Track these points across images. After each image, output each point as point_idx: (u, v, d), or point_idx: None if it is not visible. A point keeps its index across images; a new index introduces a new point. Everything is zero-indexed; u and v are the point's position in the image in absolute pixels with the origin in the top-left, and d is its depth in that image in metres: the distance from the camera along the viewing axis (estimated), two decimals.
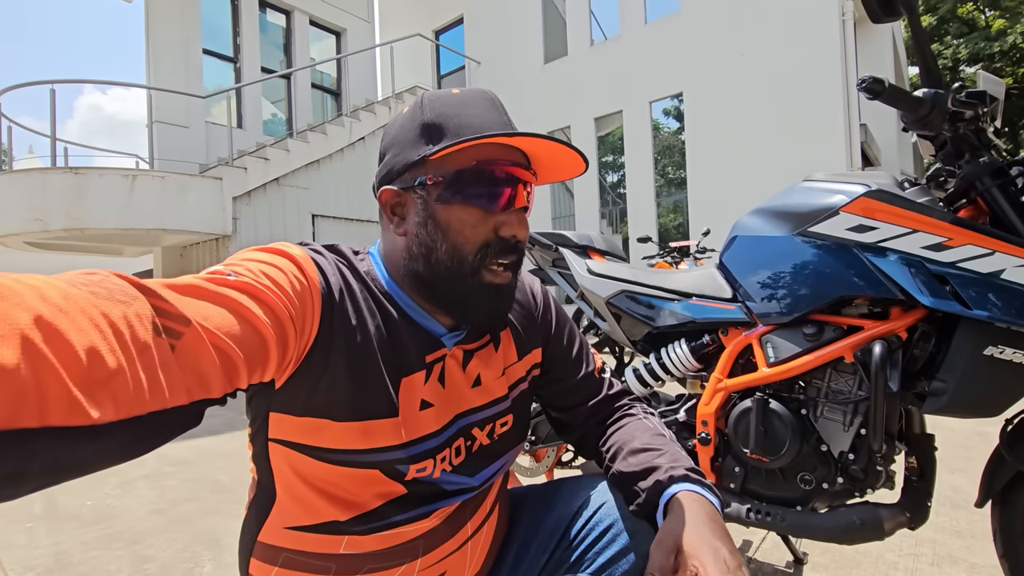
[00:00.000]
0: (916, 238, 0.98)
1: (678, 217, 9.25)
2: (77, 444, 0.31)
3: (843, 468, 1.08)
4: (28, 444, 0.29)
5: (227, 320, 0.43)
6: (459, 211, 0.60)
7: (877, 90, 0.94)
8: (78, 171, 5.71)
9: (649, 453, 0.69)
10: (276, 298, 0.49)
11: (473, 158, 0.60)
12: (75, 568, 1.63)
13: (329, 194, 7.64)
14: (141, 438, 0.36)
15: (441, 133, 0.60)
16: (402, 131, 0.64)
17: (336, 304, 0.58)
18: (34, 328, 0.30)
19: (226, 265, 0.51)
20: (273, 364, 0.49)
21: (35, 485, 0.31)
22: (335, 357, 0.57)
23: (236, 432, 3.24)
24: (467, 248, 0.61)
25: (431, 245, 0.61)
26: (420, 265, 0.62)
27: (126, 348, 0.34)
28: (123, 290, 0.37)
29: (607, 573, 0.68)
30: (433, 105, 0.62)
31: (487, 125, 0.61)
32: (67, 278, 0.36)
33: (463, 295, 0.63)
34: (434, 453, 0.63)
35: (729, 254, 1.26)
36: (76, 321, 0.32)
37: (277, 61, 9.60)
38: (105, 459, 0.34)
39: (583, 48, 8.84)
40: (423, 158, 0.60)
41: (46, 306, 0.31)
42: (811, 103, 6.68)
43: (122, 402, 0.33)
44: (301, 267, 0.55)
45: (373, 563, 0.62)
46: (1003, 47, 12.49)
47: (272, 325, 0.48)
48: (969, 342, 0.94)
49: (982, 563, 1.41)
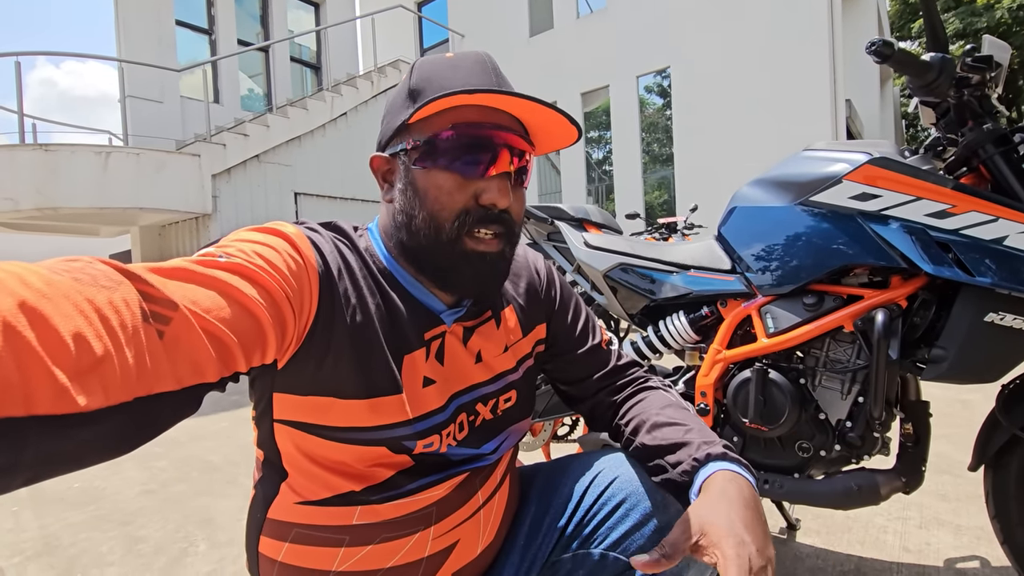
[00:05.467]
0: (919, 205, 0.97)
1: (663, 193, 9.26)
2: (67, 433, 0.30)
3: (840, 436, 1.09)
4: (16, 434, 0.28)
5: (217, 303, 0.42)
6: (436, 176, 0.58)
7: (886, 54, 0.92)
8: (48, 148, 5.50)
9: (676, 427, 0.68)
10: (271, 278, 0.48)
11: (450, 121, 0.58)
12: (65, 551, 1.61)
13: (312, 171, 7.48)
14: (137, 426, 0.35)
15: (421, 97, 0.59)
16: (394, 98, 0.63)
17: (335, 282, 0.57)
18: (17, 314, 0.29)
19: (218, 247, 0.49)
20: (272, 346, 0.48)
21: (28, 477, 0.30)
22: (337, 335, 0.56)
23: (225, 412, 3.20)
24: (443, 215, 0.58)
25: (410, 212, 0.60)
26: (404, 234, 0.61)
27: (112, 334, 0.33)
28: (107, 275, 0.36)
29: (621, 547, 0.67)
30: (423, 69, 0.61)
31: (470, 86, 0.57)
32: (48, 265, 0.34)
33: (445, 264, 0.61)
34: (439, 429, 0.63)
35: (728, 225, 1.25)
36: (60, 307, 0.31)
37: (254, 33, 9.29)
38: (100, 449, 0.34)
39: (570, 21, 8.69)
40: (404, 123, 0.59)
41: (28, 291, 0.30)
42: (797, 78, 6.67)
43: (111, 388, 0.32)
44: (296, 246, 0.54)
45: (387, 532, 0.62)
46: (990, 22, 12.55)
47: (267, 306, 0.46)
48: (970, 309, 0.94)
49: (967, 525, 1.46)
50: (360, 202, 8.12)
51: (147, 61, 7.13)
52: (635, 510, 0.68)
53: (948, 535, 1.42)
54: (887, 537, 1.42)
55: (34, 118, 7.64)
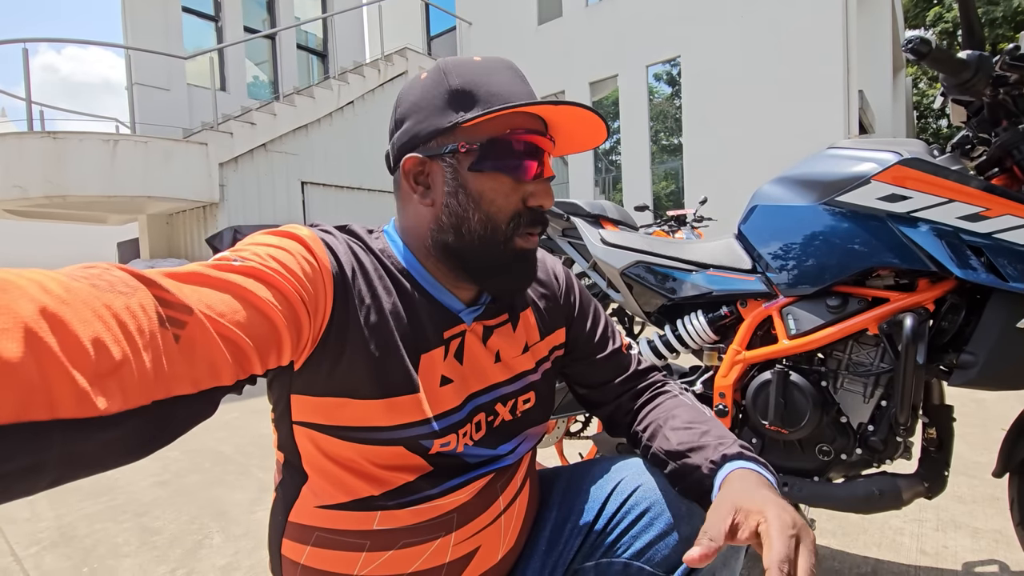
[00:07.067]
0: (951, 208, 0.95)
1: (671, 184, 9.19)
2: (89, 436, 0.31)
3: (862, 439, 1.08)
4: (41, 437, 0.29)
5: (232, 307, 0.43)
6: (491, 180, 0.60)
7: (923, 51, 0.89)
8: (56, 136, 5.50)
9: (692, 431, 0.67)
10: (285, 281, 0.48)
11: (506, 127, 0.60)
12: (81, 541, 1.62)
13: (318, 160, 7.46)
14: (155, 428, 0.36)
15: (473, 100, 0.59)
16: (425, 97, 0.62)
17: (349, 283, 0.57)
18: (39, 320, 0.30)
19: (233, 251, 0.50)
20: (288, 348, 0.49)
21: (53, 478, 0.31)
22: (352, 336, 0.56)
23: (236, 402, 3.22)
24: (500, 217, 0.61)
25: (462, 215, 0.61)
26: (450, 236, 0.61)
27: (130, 338, 0.34)
28: (124, 282, 0.36)
29: (646, 557, 0.67)
30: (460, 71, 0.61)
31: (515, 94, 0.60)
32: (67, 272, 0.35)
33: (495, 263, 0.63)
34: (456, 428, 0.63)
35: (749, 224, 1.23)
36: (79, 313, 0.32)
37: (260, 20, 9.22)
38: (121, 451, 0.35)
39: (579, 8, 8.58)
40: (455, 125, 0.59)
41: (49, 298, 0.31)
42: (810, 68, 6.58)
43: (129, 392, 0.33)
44: (310, 248, 0.55)
45: (407, 538, 0.62)
46: (1006, 12, 12.30)
47: (282, 309, 0.47)
48: (1002, 314, 0.92)
49: (985, 528, 1.44)
50: (367, 192, 8.09)
51: (154, 48, 7.10)
52: (659, 519, 0.67)
53: (966, 538, 1.41)
54: (903, 539, 1.42)
55: (42, 105, 7.63)
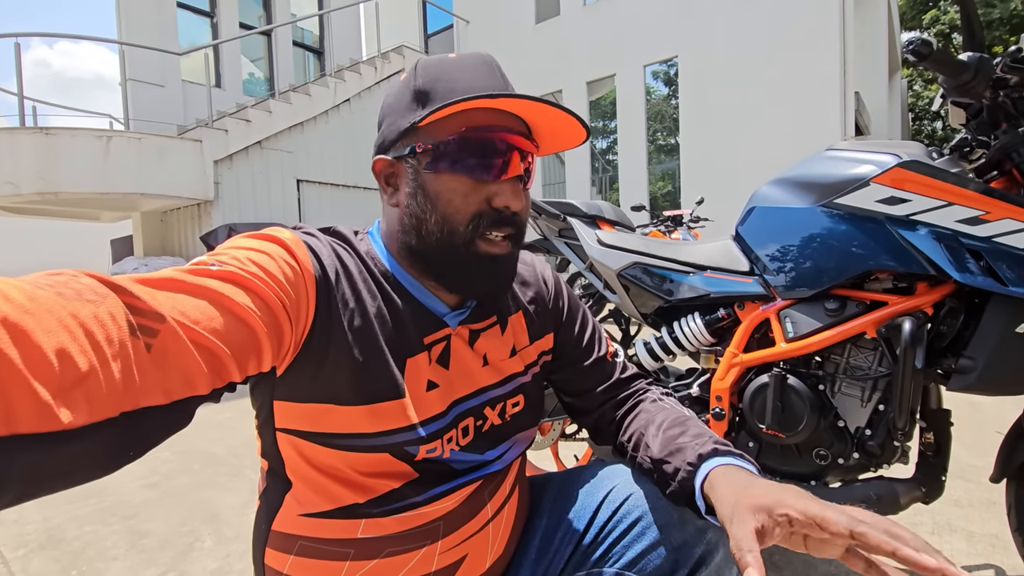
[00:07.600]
0: (951, 211, 0.94)
1: (667, 185, 9.20)
2: (54, 450, 0.30)
3: (859, 444, 1.07)
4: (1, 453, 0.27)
5: (208, 313, 0.41)
6: (448, 180, 0.58)
7: (924, 53, 0.88)
8: (48, 131, 5.45)
9: (669, 434, 0.67)
10: (265, 286, 0.47)
11: (462, 124, 0.57)
12: (69, 544, 1.60)
13: (314, 158, 7.42)
14: (125, 442, 0.35)
15: (429, 99, 0.58)
16: (396, 98, 0.61)
17: (332, 287, 0.56)
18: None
19: (211, 255, 0.49)
20: (268, 354, 0.47)
21: (15, 495, 0.30)
22: (336, 341, 0.55)
23: (228, 403, 3.18)
24: (457, 219, 0.58)
25: (421, 216, 0.59)
26: (412, 237, 0.60)
27: (98, 348, 0.32)
28: (92, 289, 0.35)
29: (637, 568, 0.65)
30: (426, 70, 0.60)
31: (478, 89, 0.57)
32: (31, 279, 0.34)
33: (458, 267, 0.60)
34: (442, 433, 0.62)
35: (747, 225, 1.22)
36: (43, 322, 0.30)
37: (256, 16, 9.17)
38: (89, 465, 0.33)
39: (576, 7, 8.56)
40: (412, 125, 0.58)
41: (10, 307, 0.30)
42: (807, 69, 6.59)
43: (96, 404, 0.32)
44: (292, 252, 0.53)
45: (392, 546, 0.60)
46: (1003, 13, 12.34)
47: (262, 315, 0.46)
48: (1001, 318, 0.92)
49: (981, 532, 1.44)
50: (363, 190, 8.06)
51: (148, 44, 7.05)
52: (651, 529, 0.66)
53: (961, 542, 1.40)
54: None
55: (34, 100, 7.56)
